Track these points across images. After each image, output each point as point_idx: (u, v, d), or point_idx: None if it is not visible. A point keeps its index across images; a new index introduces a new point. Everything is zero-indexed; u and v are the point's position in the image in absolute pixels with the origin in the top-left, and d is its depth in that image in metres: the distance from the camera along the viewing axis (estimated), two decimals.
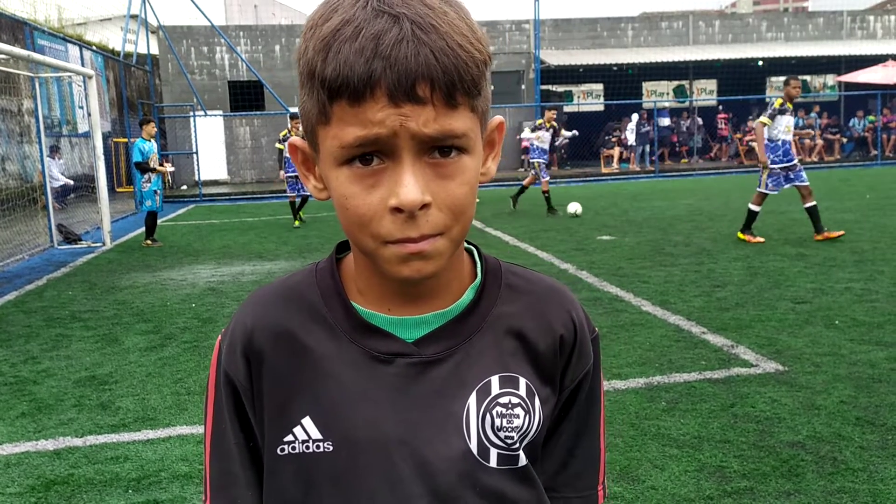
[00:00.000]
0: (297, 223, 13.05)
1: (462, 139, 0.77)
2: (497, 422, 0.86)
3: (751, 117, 26.12)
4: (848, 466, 3.27)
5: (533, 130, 14.20)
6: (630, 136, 25.04)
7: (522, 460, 0.88)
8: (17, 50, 10.06)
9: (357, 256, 0.88)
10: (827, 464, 3.31)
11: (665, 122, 26.16)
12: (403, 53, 0.72)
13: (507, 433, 0.87)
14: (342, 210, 0.80)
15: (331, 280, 0.90)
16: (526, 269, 0.96)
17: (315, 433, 0.86)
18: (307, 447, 0.86)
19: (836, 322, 5.50)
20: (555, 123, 13.99)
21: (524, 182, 14.34)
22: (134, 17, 20.91)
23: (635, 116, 24.68)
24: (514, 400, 0.88)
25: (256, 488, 0.91)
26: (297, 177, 11.88)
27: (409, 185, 0.75)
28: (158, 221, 11.89)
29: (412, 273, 0.79)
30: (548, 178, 13.63)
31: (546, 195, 13.50)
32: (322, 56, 0.75)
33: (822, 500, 3.00)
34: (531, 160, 14.04)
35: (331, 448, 0.85)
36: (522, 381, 0.88)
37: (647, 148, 25.15)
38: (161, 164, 11.75)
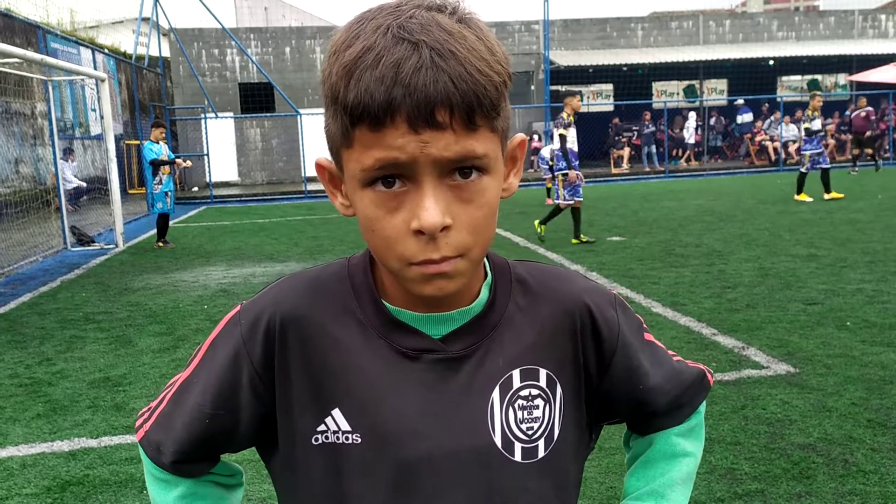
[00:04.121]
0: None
1: (482, 160, 0.79)
2: (519, 414, 0.90)
3: (738, 113, 26.12)
4: (859, 468, 3.27)
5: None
6: (686, 134, 25.10)
7: (541, 452, 0.91)
8: (30, 53, 10.14)
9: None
10: (838, 466, 3.30)
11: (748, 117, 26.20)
12: (423, 81, 0.74)
13: (528, 424, 0.90)
14: (368, 232, 0.82)
15: (363, 276, 0.92)
16: (528, 261, 0.99)
17: (344, 425, 0.88)
18: (337, 438, 0.88)
19: (848, 323, 5.49)
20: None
21: None
22: (146, 19, 21.03)
23: (692, 115, 24.64)
24: (535, 392, 0.91)
25: (180, 445, 0.93)
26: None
27: (430, 208, 0.77)
28: (170, 223, 11.97)
29: (435, 291, 0.82)
30: None
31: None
32: (345, 82, 0.77)
33: (833, 503, 3.00)
34: None
35: (359, 440, 0.88)
36: (543, 372, 0.91)
37: (654, 148, 25.09)
38: (175, 162, 11.81)
